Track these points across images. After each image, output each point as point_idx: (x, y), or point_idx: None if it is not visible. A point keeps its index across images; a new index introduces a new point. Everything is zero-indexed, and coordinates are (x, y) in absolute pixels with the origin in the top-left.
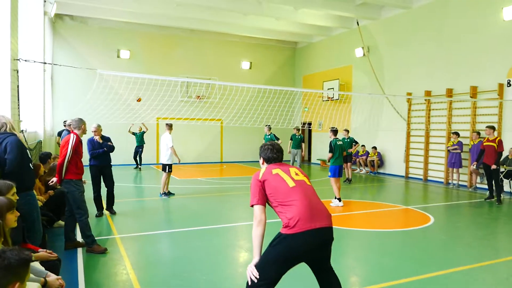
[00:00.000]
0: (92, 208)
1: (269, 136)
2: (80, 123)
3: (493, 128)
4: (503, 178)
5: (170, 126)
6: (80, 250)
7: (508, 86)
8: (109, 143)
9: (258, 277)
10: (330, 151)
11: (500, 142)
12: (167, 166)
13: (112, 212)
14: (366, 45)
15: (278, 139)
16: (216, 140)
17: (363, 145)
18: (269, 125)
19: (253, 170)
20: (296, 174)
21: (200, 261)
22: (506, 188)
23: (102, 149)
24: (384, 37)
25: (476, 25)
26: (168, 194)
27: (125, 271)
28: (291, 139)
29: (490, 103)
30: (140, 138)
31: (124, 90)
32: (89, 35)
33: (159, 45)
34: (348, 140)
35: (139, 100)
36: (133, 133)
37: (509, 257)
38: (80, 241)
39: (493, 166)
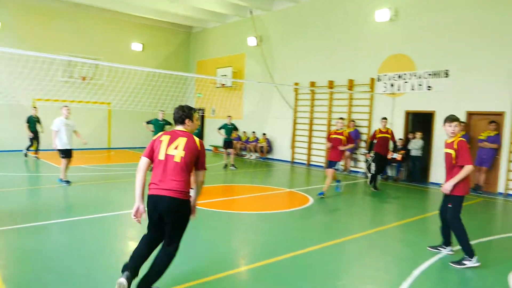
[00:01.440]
0: None
1: (162, 122)
2: None
3: (386, 118)
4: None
5: (64, 109)
6: None
7: (378, 81)
8: None
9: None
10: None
11: (393, 132)
12: (59, 152)
13: None
14: (259, 34)
15: (170, 124)
16: (103, 125)
17: (253, 132)
18: (162, 110)
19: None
20: (175, 148)
21: (79, 252)
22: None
23: None
24: (276, 28)
25: (354, 23)
26: (66, 181)
27: None
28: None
29: (363, 95)
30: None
31: None
32: None
33: (37, 17)
34: (231, 126)
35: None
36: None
37: (371, 230)
38: None
39: (391, 155)
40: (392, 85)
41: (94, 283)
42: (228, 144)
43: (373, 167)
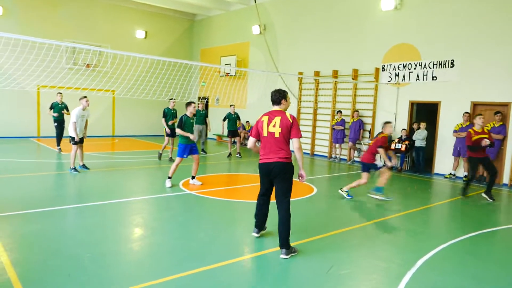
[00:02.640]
0: None
1: (173, 111)
2: None
3: (481, 115)
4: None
5: (83, 100)
6: None
7: (382, 71)
8: None
9: None
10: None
11: (490, 132)
12: (70, 138)
13: None
14: (263, 23)
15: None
16: (108, 112)
17: None
18: (173, 99)
19: (148, 145)
20: (273, 126)
21: (85, 238)
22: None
23: None
24: (280, 16)
25: (359, 12)
26: (75, 169)
27: None
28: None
29: (368, 85)
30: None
31: None
32: None
33: (40, 3)
34: (235, 115)
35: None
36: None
37: (376, 219)
38: None
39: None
40: (397, 75)
41: (99, 268)
42: (233, 133)
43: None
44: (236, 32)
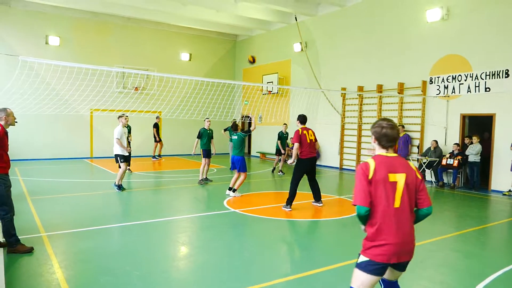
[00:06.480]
0: (17, 205)
1: (209, 131)
2: (2, 113)
3: None
4: (425, 168)
5: (122, 118)
6: (0, 251)
7: (430, 83)
8: None
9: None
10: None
11: None
12: (117, 157)
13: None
14: (304, 40)
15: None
16: None
17: None
18: (208, 119)
19: (192, 164)
20: (310, 135)
21: (134, 256)
22: (427, 177)
23: None
24: (321, 33)
25: (403, 25)
26: (120, 187)
27: (51, 270)
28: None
29: (415, 98)
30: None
31: (51, 78)
32: (12, 19)
33: (93, 32)
34: (286, 134)
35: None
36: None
37: (427, 240)
38: (1, 241)
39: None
40: (446, 87)
41: (147, 286)
42: (278, 150)
43: None
44: (278, 51)
